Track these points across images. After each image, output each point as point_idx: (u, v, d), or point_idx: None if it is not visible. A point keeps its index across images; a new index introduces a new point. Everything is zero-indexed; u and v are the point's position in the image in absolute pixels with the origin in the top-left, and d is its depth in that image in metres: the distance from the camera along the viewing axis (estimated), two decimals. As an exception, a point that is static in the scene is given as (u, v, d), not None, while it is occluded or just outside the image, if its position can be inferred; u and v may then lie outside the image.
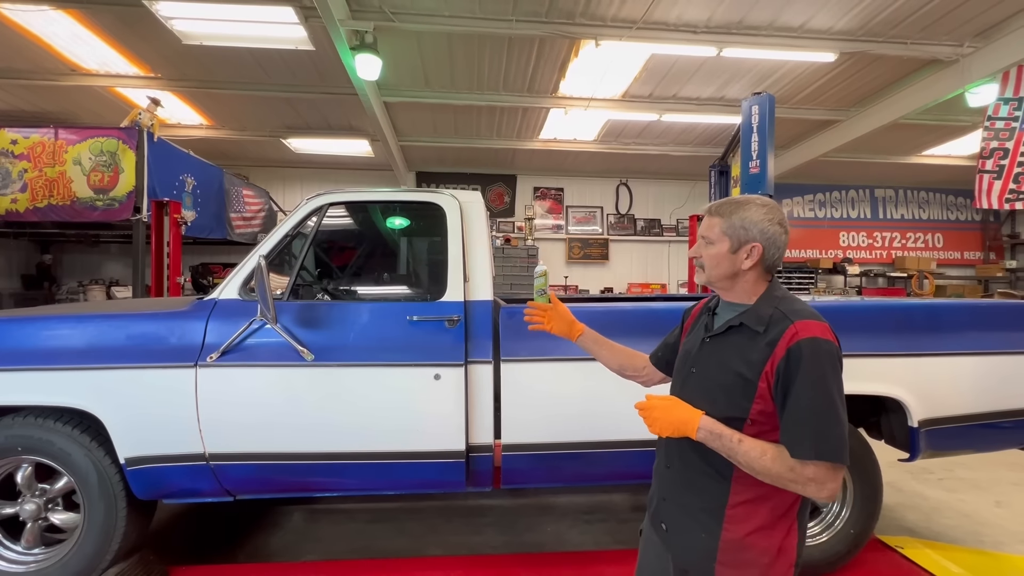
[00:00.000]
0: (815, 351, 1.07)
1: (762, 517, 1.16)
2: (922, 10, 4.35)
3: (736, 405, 1.12)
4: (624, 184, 9.64)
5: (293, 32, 4.66)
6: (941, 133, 7.14)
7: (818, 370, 1.06)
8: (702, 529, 1.19)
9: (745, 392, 1.12)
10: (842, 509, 2.37)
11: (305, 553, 2.63)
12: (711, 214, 1.25)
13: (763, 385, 1.10)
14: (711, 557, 1.17)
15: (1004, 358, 2.43)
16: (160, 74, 5.71)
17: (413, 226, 2.60)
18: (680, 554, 1.24)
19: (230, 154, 8.40)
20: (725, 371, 1.16)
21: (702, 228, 1.25)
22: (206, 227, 6.10)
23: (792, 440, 1.06)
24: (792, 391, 1.07)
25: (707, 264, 1.23)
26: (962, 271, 10.09)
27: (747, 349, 1.14)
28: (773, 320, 1.13)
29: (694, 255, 1.27)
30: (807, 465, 1.04)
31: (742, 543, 1.15)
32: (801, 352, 1.07)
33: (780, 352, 1.09)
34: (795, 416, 1.06)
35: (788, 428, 1.08)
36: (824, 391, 1.06)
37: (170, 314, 2.20)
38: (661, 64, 5.31)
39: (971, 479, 3.70)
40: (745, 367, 1.12)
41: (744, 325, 1.17)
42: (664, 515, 1.28)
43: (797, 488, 1.06)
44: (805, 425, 1.05)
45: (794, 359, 1.07)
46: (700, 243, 1.26)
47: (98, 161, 4.91)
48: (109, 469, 2.11)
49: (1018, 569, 2.53)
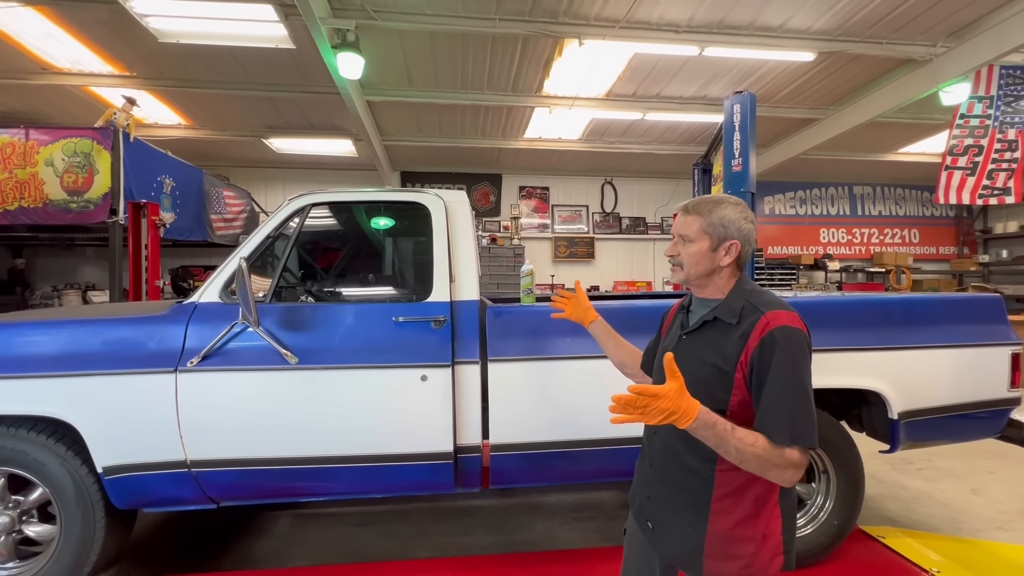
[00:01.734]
0: (787, 339, 1.11)
1: (746, 507, 1.18)
2: (897, 11, 4.44)
3: (715, 398, 1.14)
4: (609, 183, 9.69)
5: (273, 30, 4.59)
6: (916, 131, 7.31)
7: (790, 358, 1.10)
8: (688, 524, 1.20)
9: (723, 384, 1.15)
10: (826, 501, 2.42)
11: (292, 559, 2.60)
12: (688, 212, 1.26)
13: (739, 375, 1.13)
14: (698, 551, 1.18)
15: (978, 350, 2.50)
16: (136, 73, 5.57)
17: (398, 226, 2.58)
18: (667, 550, 1.25)
19: (210, 155, 8.24)
20: (702, 365, 1.18)
21: (678, 227, 1.26)
22: (186, 229, 5.97)
23: (770, 426, 1.08)
24: (767, 379, 1.10)
25: (686, 262, 1.25)
26: (937, 266, 10.35)
27: (722, 342, 1.17)
28: (745, 312, 1.17)
29: (671, 254, 1.28)
30: (786, 449, 1.07)
31: (728, 535, 1.17)
32: (775, 341, 1.10)
33: (753, 342, 1.12)
34: (771, 403, 1.09)
35: (765, 415, 1.10)
36: (796, 378, 1.10)
37: (148, 318, 2.15)
38: (644, 63, 5.34)
39: (948, 468, 3.80)
40: (721, 359, 1.15)
41: (718, 319, 1.20)
42: (649, 513, 1.29)
43: (778, 473, 1.08)
44: (781, 411, 1.08)
45: (767, 348, 1.10)
46: (677, 242, 1.27)
47: (71, 162, 4.78)
48: (86, 479, 2.06)
49: (995, 555, 2.60)
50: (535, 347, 2.26)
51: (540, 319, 2.34)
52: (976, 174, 5.26)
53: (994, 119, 5.16)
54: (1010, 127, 5.20)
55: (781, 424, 1.07)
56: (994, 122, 5.16)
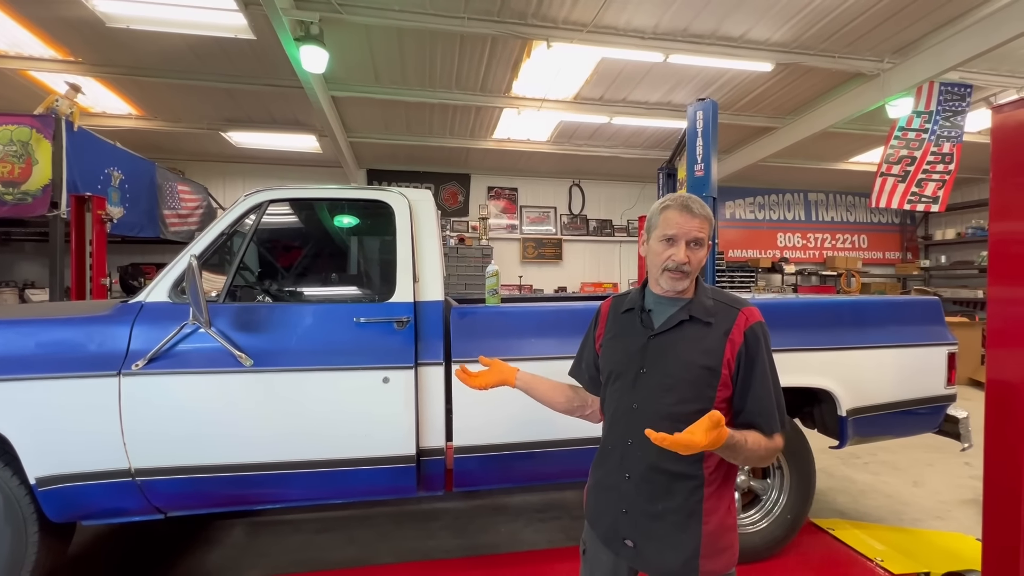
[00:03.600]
0: (765, 333, 1.20)
1: (727, 498, 1.22)
2: (848, 27, 4.66)
3: (703, 396, 1.16)
4: (577, 185, 9.79)
5: (231, 19, 4.41)
6: (865, 142, 7.70)
7: (769, 350, 1.20)
8: (681, 531, 1.17)
9: (711, 382, 1.16)
10: (780, 496, 2.50)
11: (247, 569, 2.50)
12: (702, 215, 1.17)
13: (725, 372, 1.16)
14: (695, 554, 1.16)
15: (919, 349, 2.65)
16: (81, 58, 5.25)
17: (360, 225, 2.52)
18: (658, 564, 1.20)
19: (164, 147, 7.86)
20: (687, 365, 1.17)
21: (693, 230, 1.16)
22: (136, 224, 5.67)
23: (762, 416, 1.16)
24: (755, 372, 1.16)
25: (695, 268, 1.19)
26: (884, 270, 10.93)
27: (703, 340, 1.18)
28: (717, 310, 1.20)
29: (684, 260, 1.16)
30: (776, 437, 1.17)
31: (718, 530, 1.19)
32: (757, 336, 1.18)
33: (738, 339, 1.16)
34: (761, 394, 1.16)
35: (756, 406, 1.16)
36: (774, 368, 1.20)
37: (88, 319, 2.02)
38: (611, 68, 5.42)
39: (892, 462, 4.01)
40: (707, 358, 1.17)
41: (693, 318, 1.20)
42: (628, 530, 1.22)
43: (767, 462, 1.17)
44: (770, 401, 1.17)
45: (752, 343, 1.17)
46: (691, 247, 1.17)
47: (7, 151, 4.45)
48: (17, 491, 1.92)
49: (932, 543, 2.75)
50: (500, 348, 2.25)
51: (506, 320, 2.33)
52: (906, 181, 5.65)
53: (931, 132, 5.53)
54: (947, 140, 5.56)
55: (772, 415, 1.16)
56: (930, 135, 5.53)
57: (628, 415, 1.23)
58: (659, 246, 1.20)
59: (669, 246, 1.19)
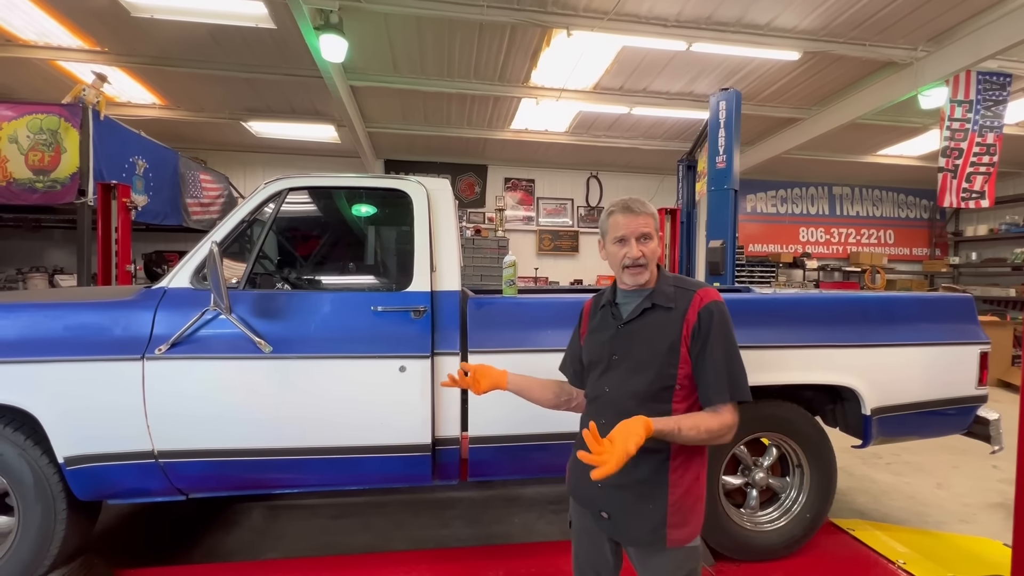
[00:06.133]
0: (720, 311, 1.29)
1: (694, 470, 1.30)
2: (880, 13, 4.49)
3: (667, 375, 1.27)
4: (595, 176, 9.69)
5: (253, 8, 4.43)
6: (895, 134, 7.46)
7: (724, 327, 1.28)
8: (648, 501, 1.28)
9: (672, 361, 1.27)
10: (799, 495, 2.46)
11: (266, 551, 2.55)
12: (644, 212, 1.33)
13: (684, 350, 1.27)
14: (662, 524, 1.26)
15: (948, 348, 2.56)
16: (107, 48, 5.34)
17: (378, 214, 2.52)
18: (630, 534, 1.30)
19: (186, 136, 7.98)
20: (652, 349, 1.29)
21: (639, 226, 1.31)
22: (159, 213, 5.78)
23: (712, 387, 1.25)
24: (708, 348, 1.26)
25: (650, 260, 1.33)
26: (910, 266, 10.63)
27: (665, 324, 1.30)
28: (676, 295, 1.32)
29: (638, 255, 1.31)
30: (724, 413, 1.24)
31: (684, 500, 1.28)
32: (711, 314, 1.28)
33: (692, 317, 1.28)
34: (712, 367, 1.25)
35: (707, 378, 1.26)
36: (731, 343, 1.28)
37: (114, 303, 2.06)
38: (632, 57, 5.32)
39: (915, 463, 3.91)
40: (669, 339, 1.28)
41: (656, 305, 1.32)
42: (603, 502, 1.33)
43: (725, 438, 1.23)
44: (722, 373, 1.25)
45: (705, 320, 1.27)
46: (641, 241, 1.31)
47: (37, 140, 4.57)
48: (47, 469, 1.98)
49: (957, 547, 2.68)
50: (516, 339, 2.23)
51: (523, 310, 2.31)
52: (957, 177, 5.36)
53: (974, 123, 5.26)
54: (989, 131, 5.31)
55: (721, 387, 1.25)
56: (974, 125, 5.27)
57: (601, 397, 1.36)
58: (614, 248, 1.35)
59: (622, 246, 1.33)
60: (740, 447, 2.41)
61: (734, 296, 2.55)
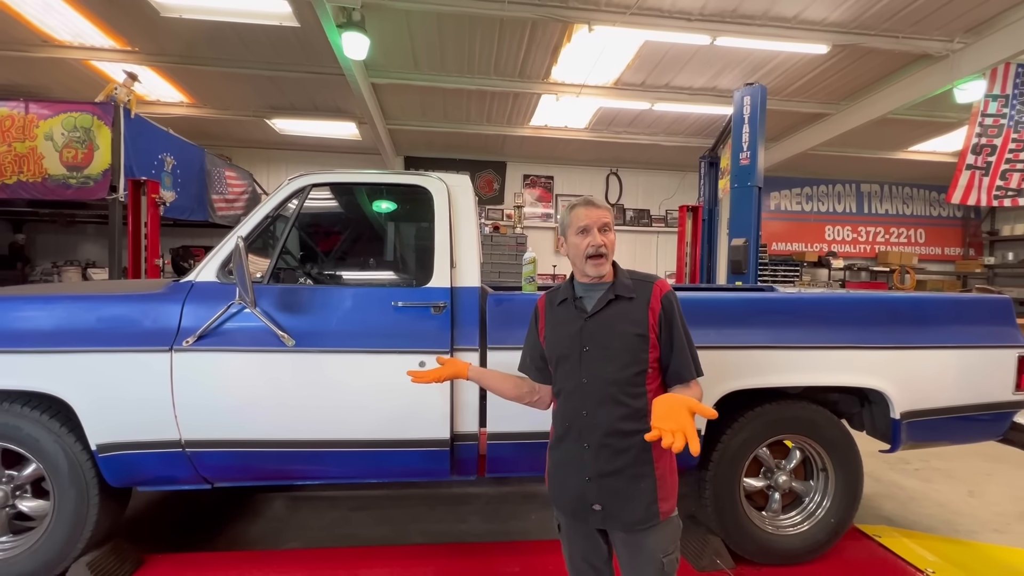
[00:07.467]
0: (675, 298, 1.43)
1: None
2: (914, 4, 4.34)
3: (639, 359, 1.37)
4: (614, 173, 9.61)
5: (277, 7, 4.50)
6: (927, 129, 7.21)
7: (680, 313, 1.42)
8: (640, 480, 1.35)
9: (643, 347, 1.37)
10: (824, 499, 2.40)
11: (286, 541, 2.60)
12: (599, 206, 1.43)
13: (653, 336, 1.38)
14: (654, 498, 1.34)
15: (983, 352, 2.46)
16: (137, 48, 5.49)
17: (399, 210, 2.54)
18: (626, 517, 1.35)
19: (212, 134, 8.17)
20: (622, 336, 1.37)
21: (600, 216, 1.40)
22: (187, 208, 5.93)
23: (682, 367, 1.39)
24: (673, 331, 1.39)
25: (611, 251, 1.42)
26: (942, 266, 10.29)
27: (631, 313, 1.39)
28: (636, 286, 1.42)
29: (600, 243, 1.39)
30: (694, 386, 1.37)
31: (666, 473, 1.37)
32: (670, 302, 1.41)
33: (656, 306, 1.39)
34: (679, 348, 1.39)
35: (677, 359, 1.39)
36: (686, 326, 1.43)
37: (144, 296, 2.12)
38: (654, 51, 5.25)
39: (946, 469, 3.78)
40: (637, 327, 1.37)
41: (619, 297, 1.41)
42: (593, 496, 1.37)
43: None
44: (688, 354, 1.40)
45: (668, 307, 1.40)
46: (603, 232, 1.40)
47: (71, 137, 4.72)
48: (80, 456, 2.04)
49: (990, 557, 2.59)
50: (535, 336, 2.22)
51: (541, 308, 2.30)
52: (990, 174, 5.15)
53: (1010, 118, 5.05)
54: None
55: (690, 365, 1.39)
56: (1010, 121, 5.05)
57: (579, 389, 1.40)
58: (577, 239, 1.42)
59: (585, 236, 1.40)
60: (763, 449, 2.36)
61: (757, 296, 2.50)
